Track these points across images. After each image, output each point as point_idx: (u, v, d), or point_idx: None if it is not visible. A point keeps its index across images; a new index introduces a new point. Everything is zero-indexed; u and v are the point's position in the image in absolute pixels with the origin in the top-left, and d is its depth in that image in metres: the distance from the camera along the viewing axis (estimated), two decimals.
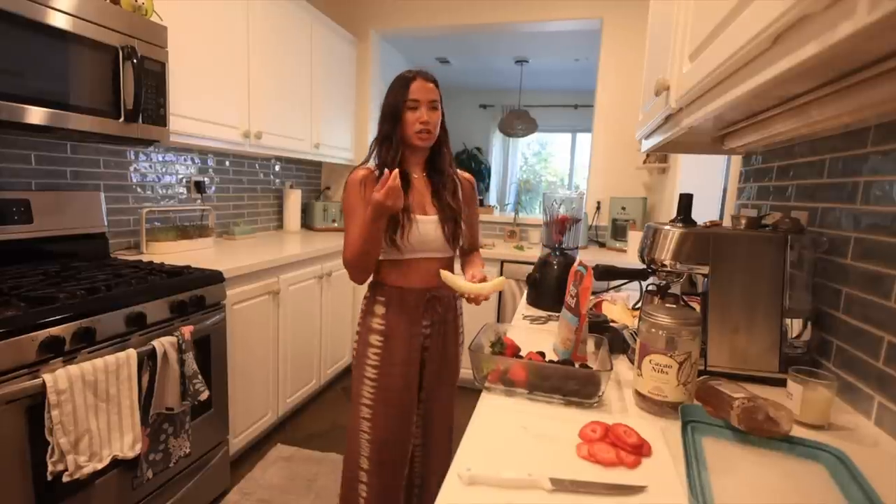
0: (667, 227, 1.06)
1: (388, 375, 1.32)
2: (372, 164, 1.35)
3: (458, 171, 1.44)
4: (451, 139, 1.45)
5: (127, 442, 1.28)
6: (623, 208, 2.97)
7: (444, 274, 1.21)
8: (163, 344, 1.40)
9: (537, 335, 1.19)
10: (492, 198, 6.59)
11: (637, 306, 1.41)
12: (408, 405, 1.35)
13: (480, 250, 1.58)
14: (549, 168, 7.14)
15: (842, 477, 0.66)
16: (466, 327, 1.52)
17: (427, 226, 1.31)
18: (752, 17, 0.54)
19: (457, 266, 1.47)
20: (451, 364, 1.44)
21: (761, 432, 0.73)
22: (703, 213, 1.40)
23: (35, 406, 1.12)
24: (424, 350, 1.36)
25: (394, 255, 1.30)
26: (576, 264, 1.07)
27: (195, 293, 1.61)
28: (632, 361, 1.05)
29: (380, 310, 1.33)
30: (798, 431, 0.77)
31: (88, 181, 1.91)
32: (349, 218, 1.31)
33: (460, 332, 1.48)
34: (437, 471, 1.45)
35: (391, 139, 1.30)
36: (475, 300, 1.21)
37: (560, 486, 0.64)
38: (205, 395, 1.51)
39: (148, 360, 1.36)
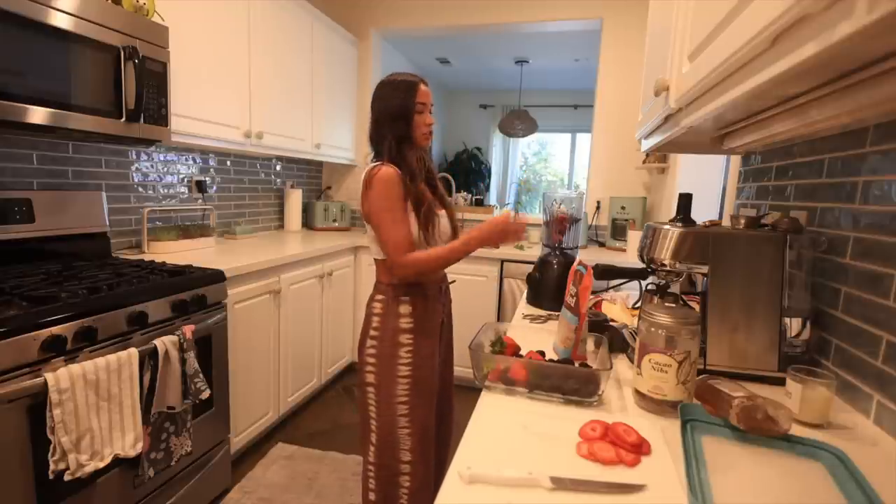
0: (666, 227, 1.06)
1: (422, 368, 1.34)
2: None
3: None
4: (452, 139, 1.51)
5: (128, 441, 1.29)
6: (623, 208, 2.97)
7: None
8: (164, 343, 1.40)
9: (537, 334, 1.19)
10: (492, 198, 6.60)
11: (636, 305, 1.41)
12: (434, 393, 1.40)
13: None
14: (549, 168, 7.15)
15: (841, 476, 0.66)
16: (467, 324, 1.62)
17: (443, 220, 1.39)
18: (752, 17, 0.55)
19: None
20: (450, 344, 1.54)
21: (760, 431, 0.73)
22: (702, 213, 1.41)
23: (37, 405, 1.13)
24: (439, 339, 1.43)
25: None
26: (575, 264, 1.07)
27: (196, 292, 1.62)
28: (631, 360, 1.05)
29: (406, 309, 1.33)
30: (797, 430, 0.77)
31: (90, 181, 1.91)
32: (393, 214, 1.26)
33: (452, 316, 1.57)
34: (443, 449, 1.54)
35: (409, 140, 1.33)
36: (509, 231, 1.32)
37: (560, 484, 0.64)
38: (206, 394, 1.51)
39: (149, 359, 1.37)
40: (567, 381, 0.90)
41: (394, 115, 1.31)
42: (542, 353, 1.02)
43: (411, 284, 1.33)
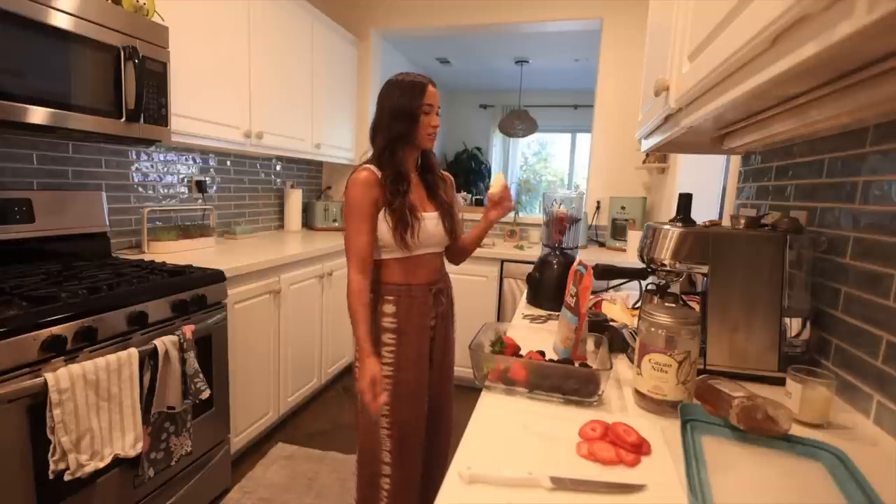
0: (666, 227, 1.06)
1: (404, 370, 1.34)
2: (373, 164, 1.34)
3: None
4: (452, 139, 1.50)
5: (128, 441, 1.29)
6: (623, 208, 2.97)
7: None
8: (164, 343, 1.40)
9: (537, 334, 1.19)
10: None
11: (637, 305, 1.41)
12: (422, 395, 1.39)
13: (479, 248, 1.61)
14: (549, 168, 7.14)
15: (841, 476, 0.66)
16: (467, 324, 1.59)
17: (430, 222, 1.36)
18: (752, 17, 0.55)
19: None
20: (451, 351, 1.51)
21: (760, 431, 0.73)
22: (702, 213, 1.41)
23: (37, 405, 1.13)
24: (431, 341, 1.41)
25: (400, 254, 1.32)
26: (575, 264, 1.07)
27: (196, 292, 1.62)
28: (631, 360, 1.05)
29: (389, 308, 1.34)
30: (797, 430, 0.77)
31: (90, 181, 1.91)
32: (352, 220, 1.29)
33: (454, 319, 1.54)
34: (440, 453, 1.52)
35: (408, 139, 1.31)
36: (500, 204, 1.42)
37: (560, 484, 0.64)
38: (206, 394, 1.51)
39: (149, 359, 1.37)
40: (567, 381, 0.90)
41: (397, 114, 1.29)
42: (542, 353, 1.02)
43: (396, 284, 1.34)
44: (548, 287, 1.60)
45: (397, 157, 1.31)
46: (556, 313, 1.38)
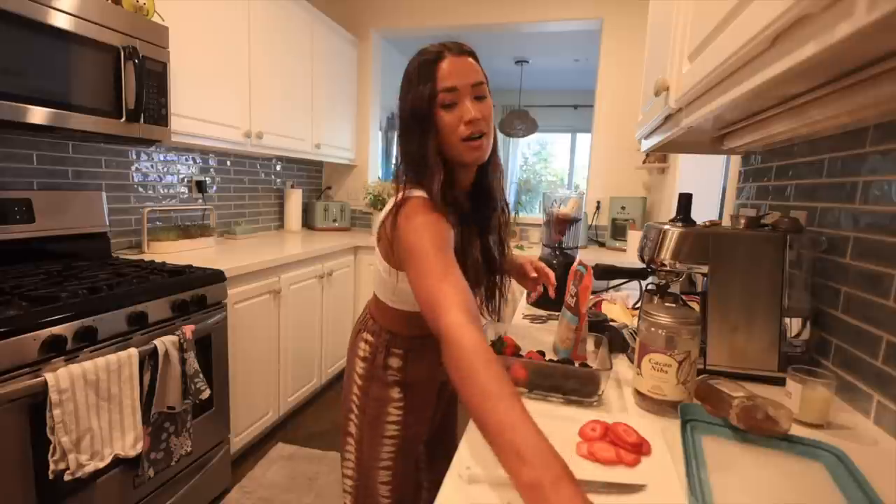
0: (666, 227, 1.06)
1: (415, 425, 1.08)
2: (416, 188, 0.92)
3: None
4: None
5: (128, 441, 1.29)
6: (623, 208, 2.98)
7: None
8: (164, 343, 1.40)
9: (537, 334, 1.19)
10: None
11: (637, 306, 1.41)
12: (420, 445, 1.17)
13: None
14: (549, 168, 7.15)
15: (841, 476, 0.66)
16: None
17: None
18: (752, 17, 0.55)
19: None
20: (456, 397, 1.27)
21: (760, 431, 0.73)
22: (702, 213, 1.41)
23: (37, 405, 1.13)
24: (442, 385, 1.16)
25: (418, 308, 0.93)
26: (576, 264, 1.07)
27: (196, 292, 1.62)
28: (631, 360, 1.05)
29: (395, 362, 1.04)
30: (797, 430, 0.77)
31: (90, 181, 1.91)
32: (437, 252, 0.78)
33: None
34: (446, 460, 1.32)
35: (426, 161, 0.87)
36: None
37: None
38: (206, 394, 1.51)
39: (149, 360, 1.37)
40: (567, 381, 0.90)
41: (406, 122, 0.91)
42: (542, 353, 1.02)
43: (409, 336, 1.03)
44: None
45: (431, 187, 0.87)
46: (556, 313, 1.38)
